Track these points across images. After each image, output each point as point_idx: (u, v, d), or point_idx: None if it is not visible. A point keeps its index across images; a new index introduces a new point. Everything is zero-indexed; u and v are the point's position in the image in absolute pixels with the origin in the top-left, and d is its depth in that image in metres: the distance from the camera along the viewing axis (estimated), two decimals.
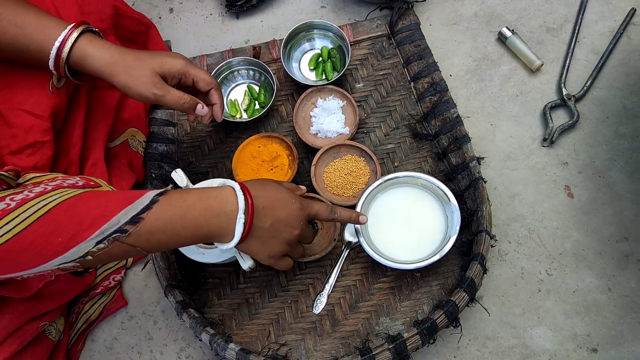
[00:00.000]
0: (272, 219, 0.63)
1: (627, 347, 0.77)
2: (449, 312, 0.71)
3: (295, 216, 0.65)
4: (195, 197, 0.60)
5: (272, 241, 0.64)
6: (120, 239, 0.54)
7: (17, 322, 0.72)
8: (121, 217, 0.54)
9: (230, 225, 0.60)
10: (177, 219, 0.58)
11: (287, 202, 0.65)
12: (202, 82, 0.75)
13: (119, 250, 0.55)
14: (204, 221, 0.59)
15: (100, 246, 0.54)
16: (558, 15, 0.99)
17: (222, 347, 0.72)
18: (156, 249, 0.59)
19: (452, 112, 0.86)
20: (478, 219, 0.78)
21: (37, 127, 0.70)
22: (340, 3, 1.05)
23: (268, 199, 0.63)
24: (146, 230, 0.56)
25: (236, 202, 0.60)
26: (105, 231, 0.54)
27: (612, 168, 0.87)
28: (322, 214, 0.68)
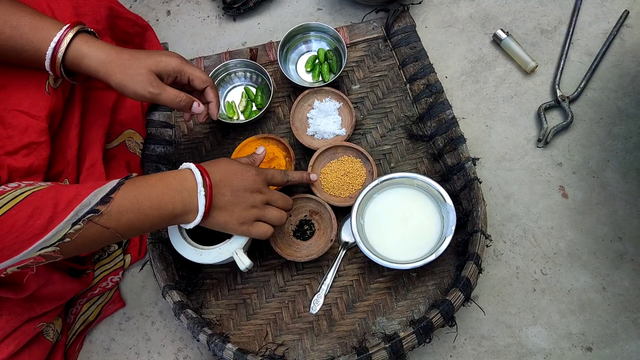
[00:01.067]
0: (230, 188, 0.68)
1: (621, 346, 0.77)
2: (445, 312, 0.72)
3: (253, 181, 0.70)
4: (156, 178, 0.65)
5: (236, 208, 0.68)
6: (93, 219, 0.58)
7: (15, 323, 0.72)
8: (92, 199, 0.58)
9: (192, 200, 0.65)
10: (142, 198, 0.62)
11: (241, 171, 0.70)
12: (198, 80, 0.75)
13: (94, 232, 0.59)
14: (167, 199, 0.64)
15: (77, 227, 0.57)
16: (552, 17, 1.00)
17: (220, 348, 0.72)
18: (128, 231, 0.62)
19: (448, 114, 0.87)
20: (473, 219, 0.79)
21: (33, 127, 0.70)
22: (336, 5, 1.05)
23: (223, 172, 0.68)
24: (116, 210, 0.60)
25: (194, 178, 0.65)
26: (79, 212, 0.57)
27: (606, 168, 0.88)
28: (277, 177, 0.75)
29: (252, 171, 0.71)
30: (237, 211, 0.69)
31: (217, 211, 0.67)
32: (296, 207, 0.85)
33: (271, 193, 0.73)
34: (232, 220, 0.69)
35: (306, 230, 0.84)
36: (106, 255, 0.87)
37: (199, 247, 0.75)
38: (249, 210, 0.69)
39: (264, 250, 0.85)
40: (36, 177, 0.72)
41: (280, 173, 0.76)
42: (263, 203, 0.71)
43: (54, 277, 0.76)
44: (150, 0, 1.10)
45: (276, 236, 0.82)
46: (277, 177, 0.75)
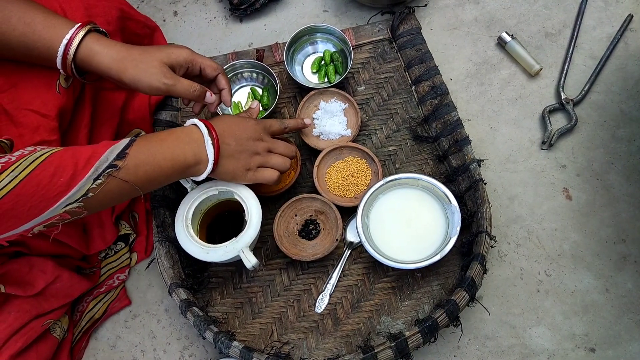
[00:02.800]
0: (234, 137, 0.72)
1: (624, 347, 0.78)
2: (450, 311, 0.72)
3: (253, 129, 0.75)
4: (165, 133, 0.70)
5: (242, 155, 0.73)
6: (113, 173, 0.61)
7: (23, 320, 0.73)
8: (109, 155, 0.62)
9: (201, 150, 0.69)
10: (155, 150, 0.66)
11: (242, 122, 0.75)
12: (209, 68, 0.76)
13: (115, 186, 0.62)
14: (179, 150, 0.68)
15: (98, 182, 0.60)
16: (557, 20, 1.00)
17: (226, 345, 0.72)
18: (145, 183, 0.66)
19: (453, 115, 0.88)
20: (478, 220, 0.79)
21: (44, 126, 0.71)
22: (342, 7, 1.06)
23: (225, 124, 0.73)
24: (133, 163, 0.63)
25: (199, 130, 0.70)
26: (98, 167, 0.60)
27: (610, 171, 0.88)
28: (275, 125, 0.79)
29: (252, 121, 0.76)
30: (243, 158, 0.73)
31: (225, 159, 0.72)
32: (301, 207, 0.85)
33: (272, 141, 0.78)
34: (239, 167, 0.73)
35: (311, 229, 0.84)
36: (113, 254, 0.87)
37: (206, 245, 0.76)
38: (252, 157, 0.74)
39: (269, 249, 0.85)
40: None
41: (277, 121, 0.80)
42: (265, 150, 0.76)
43: (62, 275, 0.77)
44: (158, 1, 1.11)
45: (282, 235, 0.83)
46: (275, 125, 0.79)
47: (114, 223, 0.85)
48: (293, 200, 0.84)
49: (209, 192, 0.79)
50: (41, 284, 0.74)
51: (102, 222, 0.84)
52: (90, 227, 0.83)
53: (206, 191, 0.79)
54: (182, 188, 0.84)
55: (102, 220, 0.84)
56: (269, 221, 0.85)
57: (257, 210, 0.77)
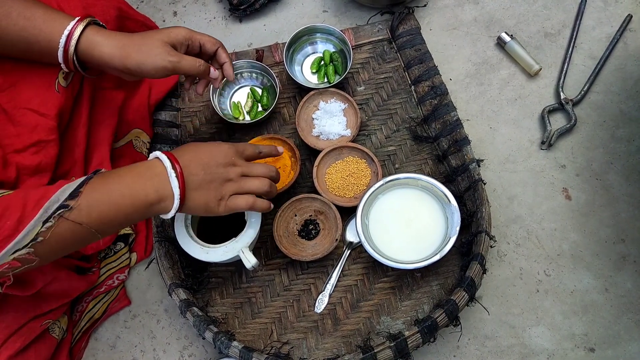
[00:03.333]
0: (201, 166, 0.65)
1: (623, 347, 0.78)
2: (449, 311, 0.72)
3: (224, 155, 0.68)
4: (124, 169, 0.64)
5: (212, 185, 0.66)
6: (64, 214, 0.56)
7: (21, 320, 0.73)
8: (60, 195, 0.57)
9: (164, 185, 0.62)
10: (112, 188, 0.60)
11: (210, 147, 0.68)
12: (209, 43, 0.75)
13: (67, 229, 0.57)
14: (138, 187, 0.62)
15: (48, 225, 0.55)
16: (556, 21, 1.00)
17: (226, 345, 0.72)
18: (102, 225, 0.60)
19: (452, 115, 0.88)
20: (477, 220, 0.79)
21: (42, 126, 0.71)
22: (342, 7, 1.06)
23: (191, 153, 0.67)
24: (86, 203, 0.58)
25: (162, 163, 0.64)
26: (48, 209, 0.56)
27: (609, 171, 0.88)
28: (248, 149, 0.72)
29: (223, 146, 0.69)
30: (214, 188, 0.66)
31: (193, 192, 0.65)
32: (301, 207, 0.85)
33: (247, 164, 0.70)
34: (211, 198, 0.66)
35: (311, 230, 0.84)
36: (112, 254, 0.87)
37: (206, 245, 0.76)
38: (224, 185, 0.67)
39: (269, 249, 0.85)
40: (44, 176, 0.72)
41: (251, 145, 0.74)
42: (239, 175, 0.69)
43: (60, 275, 0.77)
44: (157, 1, 1.11)
45: (281, 235, 0.83)
46: (248, 149, 0.73)
47: None
48: (293, 200, 0.84)
49: None
50: (39, 283, 0.74)
51: None
52: None
53: None
54: None
55: None
56: (268, 221, 0.85)
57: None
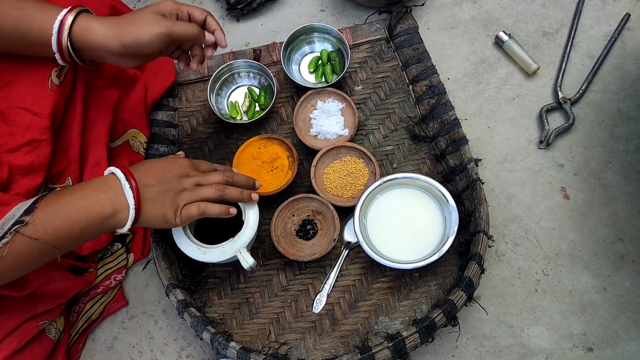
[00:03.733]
0: (156, 178, 0.67)
1: (622, 346, 0.78)
2: (448, 311, 0.72)
3: (178, 166, 0.70)
4: (79, 184, 0.66)
5: (167, 196, 0.67)
6: (20, 230, 0.57)
7: (16, 321, 0.72)
8: (16, 211, 0.58)
9: (119, 197, 0.64)
10: (66, 202, 0.61)
11: (165, 161, 0.71)
12: (197, 12, 0.75)
13: (24, 245, 0.58)
14: (92, 200, 0.63)
15: (4, 241, 0.56)
16: (554, 19, 1.00)
17: (224, 346, 0.72)
18: (58, 240, 0.60)
19: (450, 115, 0.88)
20: (476, 219, 0.79)
21: (36, 125, 0.71)
22: (339, 7, 1.06)
23: (146, 167, 0.69)
24: (41, 218, 0.59)
25: (116, 177, 0.65)
26: (4, 225, 0.57)
27: (607, 170, 0.88)
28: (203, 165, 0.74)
29: (178, 160, 0.72)
30: (169, 199, 0.67)
31: (149, 204, 0.66)
32: (299, 207, 0.85)
33: (202, 175, 0.72)
34: (167, 208, 0.67)
35: (309, 230, 0.84)
36: (109, 254, 0.87)
37: (203, 245, 0.76)
38: (180, 195, 0.68)
39: (267, 249, 0.85)
40: (37, 175, 0.72)
41: (206, 162, 0.75)
42: (193, 185, 0.70)
43: (56, 275, 0.76)
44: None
45: (279, 236, 0.83)
46: (203, 166, 0.74)
47: None
48: (290, 201, 0.84)
49: None
50: (34, 284, 0.73)
51: None
52: None
53: None
54: None
55: None
56: (266, 221, 0.85)
57: (254, 211, 0.77)
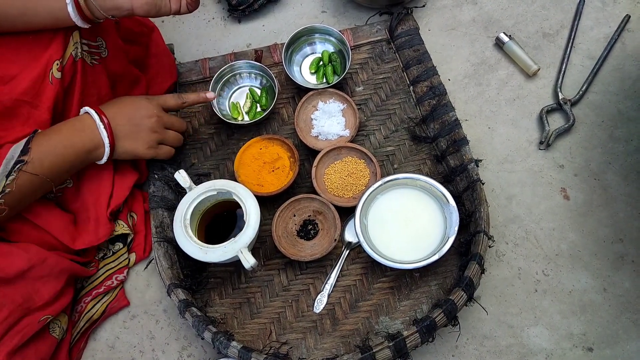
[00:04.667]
0: (126, 117, 0.77)
1: (621, 346, 0.78)
2: (448, 311, 0.72)
3: (145, 108, 0.79)
4: (60, 125, 0.74)
5: (139, 134, 0.79)
6: (22, 168, 0.67)
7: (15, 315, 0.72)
8: (13, 152, 0.67)
9: (95, 134, 0.75)
10: (55, 141, 0.71)
11: (134, 102, 0.80)
12: None
13: (27, 181, 0.68)
14: (76, 138, 0.73)
15: (11, 177, 0.66)
16: (554, 21, 1.01)
17: (225, 345, 0.73)
18: (53, 174, 0.72)
19: (451, 116, 0.88)
20: (476, 220, 0.79)
21: (35, 118, 0.72)
22: (340, 8, 1.06)
23: (116, 107, 0.78)
24: (37, 156, 0.69)
25: (90, 117, 0.75)
26: (7, 164, 0.66)
27: (607, 171, 0.89)
28: (170, 102, 0.84)
29: (144, 100, 0.80)
30: (141, 137, 0.79)
31: (122, 141, 0.77)
32: (300, 207, 0.85)
33: (167, 116, 0.83)
34: (139, 145, 0.79)
35: (310, 230, 0.84)
36: (111, 254, 0.87)
37: (204, 245, 0.76)
38: (150, 134, 0.79)
39: (268, 249, 0.85)
40: None
41: (173, 97, 0.84)
42: (162, 127, 0.82)
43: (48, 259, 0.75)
44: None
45: (280, 236, 0.83)
46: (170, 102, 0.84)
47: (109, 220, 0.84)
48: (291, 201, 0.84)
49: (207, 192, 0.80)
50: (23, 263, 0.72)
51: (97, 218, 0.83)
52: (85, 220, 0.82)
53: (205, 192, 0.80)
54: (180, 189, 0.84)
55: (98, 216, 0.83)
56: (267, 221, 0.85)
57: (255, 211, 0.77)
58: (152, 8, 0.74)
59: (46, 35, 0.73)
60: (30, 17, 0.70)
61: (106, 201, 0.84)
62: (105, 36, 0.82)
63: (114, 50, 0.83)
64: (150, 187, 0.88)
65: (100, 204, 0.84)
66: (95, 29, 0.77)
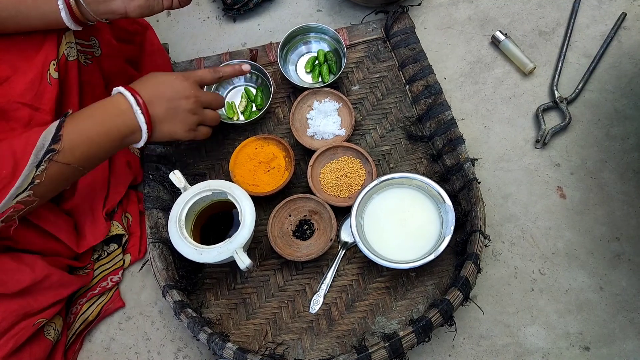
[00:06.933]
0: (164, 99, 0.72)
1: (618, 345, 0.78)
2: (444, 311, 0.72)
3: (183, 88, 0.74)
4: (92, 108, 0.70)
5: (178, 117, 0.74)
6: (53, 157, 0.63)
7: (11, 320, 0.72)
8: (43, 140, 0.63)
9: (132, 120, 0.70)
10: (88, 128, 0.67)
11: (169, 81, 0.74)
12: None
13: (57, 170, 0.64)
14: (110, 123, 0.69)
15: (41, 168, 0.62)
16: (550, 19, 1.00)
17: (220, 347, 0.72)
18: (86, 162, 0.68)
19: (447, 115, 0.88)
20: (472, 219, 0.79)
21: (37, 120, 0.71)
22: (336, 7, 1.06)
23: (152, 87, 0.72)
24: (68, 145, 0.64)
25: (124, 99, 0.70)
26: (38, 154, 0.62)
27: (604, 169, 0.88)
28: (206, 77, 0.79)
29: (179, 77, 0.75)
30: (180, 119, 0.74)
31: (160, 124, 0.73)
32: (296, 207, 0.85)
33: (205, 94, 0.78)
34: (178, 129, 0.75)
35: (306, 230, 0.84)
36: (106, 255, 0.87)
37: (199, 246, 0.75)
38: (189, 117, 0.75)
39: (264, 249, 0.85)
40: None
41: (209, 71, 0.80)
42: (201, 107, 0.77)
43: (52, 275, 0.76)
44: None
45: (276, 236, 0.82)
46: (206, 77, 0.79)
47: (105, 219, 0.84)
48: (287, 201, 0.84)
49: (202, 193, 0.79)
50: (27, 280, 0.73)
51: (94, 218, 0.83)
52: (82, 224, 0.83)
53: (200, 192, 0.79)
54: (175, 189, 0.83)
55: (94, 217, 0.83)
56: (263, 222, 0.85)
57: (250, 211, 0.77)
58: (146, 10, 0.74)
59: (37, 35, 0.72)
60: (22, 19, 0.69)
61: (102, 202, 0.84)
62: (98, 35, 0.81)
63: (108, 49, 0.83)
64: (145, 187, 0.88)
65: (96, 205, 0.84)
66: (88, 29, 0.77)
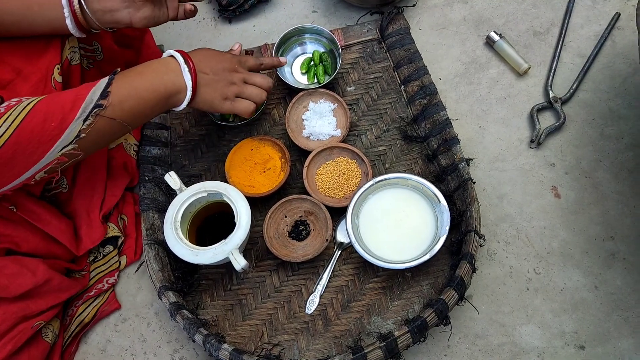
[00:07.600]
0: (210, 67, 0.76)
1: (613, 344, 0.78)
2: (439, 311, 0.72)
3: (229, 61, 0.78)
4: (142, 66, 0.72)
5: (219, 84, 0.76)
6: (100, 112, 0.64)
7: (10, 322, 0.72)
8: (92, 95, 0.64)
9: (179, 79, 0.72)
10: (137, 84, 0.69)
11: (218, 54, 0.79)
12: None
13: (104, 125, 0.66)
14: (158, 80, 0.71)
15: (88, 122, 0.64)
16: (545, 19, 1.01)
17: (216, 348, 0.72)
18: (132, 118, 0.69)
19: (442, 115, 0.88)
20: (467, 219, 0.79)
21: None
22: (331, 7, 1.06)
23: (201, 55, 0.76)
24: (117, 100, 0.66)
25: (176, 60, 0.73)
26: (86, 109, 0.63)
27: (598, 169, 0.89)
28: (250, 61, 0.83)
29: (227, 54, 0.80)
30: (220, 88, 0.76)
31: (203, 88, 0.75)
32: (291, 208, 0.85)
33: (249, 73, 0.81)
34: (216, 96, 0.76)
35: (301, 230, 0.84)
36: (101, 257, 0.87)
37: (195, 247, 0.76)
38: (229, 86, 0.77)
39: (259, 250, 0.85)
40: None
41: (252, 57, 0.85)
42: (242, 81, 0.79)
43: (53, 279, 0.76)
44: None
45: (272, 237, 0.83)
46: (250, 61, 0.83)
47: (101, 222, 0.84)
48: (283, 201, 0.84)
49: (198, 194, 0.79)
50: (28, 285, 0.73)
51: (90, 221, 0.83)
52: (79, 227, 0.83)
53: (195, 193, 0.79)
54: (171, 190, 0.83)
55: (91, 219, 0.83)
56: (258, 222, 0.85)
57: (246, 212, 0.77)
58: (151, 21, 0.74)
59: (42, 39, 0.73)
60: (27, 25, 0.70)
61: (99, 205, 0.84)
62: (100, 40, 0.82)
63: (109, 53, 0.84)
64: (141, 189, 0.88)
65: (93, 208, 0.84)
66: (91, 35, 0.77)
